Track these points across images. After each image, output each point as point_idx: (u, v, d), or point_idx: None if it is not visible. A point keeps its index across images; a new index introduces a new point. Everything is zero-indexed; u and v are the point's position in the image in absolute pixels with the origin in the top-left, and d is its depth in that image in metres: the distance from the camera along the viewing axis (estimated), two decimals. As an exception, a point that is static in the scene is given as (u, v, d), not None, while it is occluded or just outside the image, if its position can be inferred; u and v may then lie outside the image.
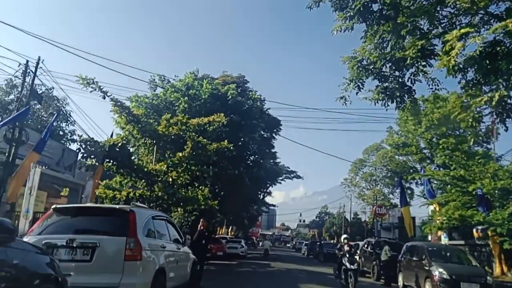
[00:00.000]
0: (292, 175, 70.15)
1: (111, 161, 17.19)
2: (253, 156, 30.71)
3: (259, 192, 49.39)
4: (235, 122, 27.85)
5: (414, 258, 13.74)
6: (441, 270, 11.86)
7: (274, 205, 76.93)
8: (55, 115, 21.59)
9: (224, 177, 27.20)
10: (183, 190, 19.77)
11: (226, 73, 34.48)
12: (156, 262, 7.08)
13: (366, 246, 20.08)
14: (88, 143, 16.58)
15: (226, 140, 19.50)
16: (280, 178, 70.58)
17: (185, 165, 18.26)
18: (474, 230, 18.29)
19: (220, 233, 50.19)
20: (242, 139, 27.82)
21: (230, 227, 58.50)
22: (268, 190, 70.91)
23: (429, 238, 24.88)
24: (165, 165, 18.10)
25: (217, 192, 27.74)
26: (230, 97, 28.71)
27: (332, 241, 48.60)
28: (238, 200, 32.83)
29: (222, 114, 20.59)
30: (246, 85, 32.25)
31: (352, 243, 39.12)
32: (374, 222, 36.46)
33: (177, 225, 26.87)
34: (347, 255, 12.05)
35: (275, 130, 37.64)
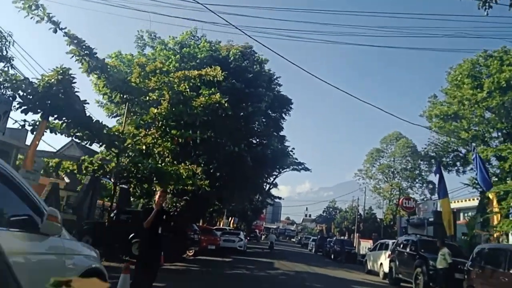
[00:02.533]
0: (300, 167, 65.73)
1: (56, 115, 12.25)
2: (257, 129, 25.70)
3: (264, 180, 44.46)
4: (237, 90, 22.90)
5: (500, 270, 8.71)
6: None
7: (280, 198, 72.27)
8: None
9: (221, 154, 22.27)
10: (162, 164, 14.89)
11: (231, 42, 29.11)
12: None
13: (402, 245, 15.08)
14: (23, 86, 11.69)
15: (220, 97, 14.21)
16: (287, 168, 66.35)
17: (161, 125, 13.32)
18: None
19: (220, 224, 45.21)
20: (245, 111, 22.79)
21: (231, 219, 53.55)
22: (273, 181, 66.66)
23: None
24: (134, 126, 13.21)
25: (212, 173, 22.83)
26: (232, 58, 23.69)
27: (342, 237, 43.67)
28: (239, 185, 27.91)
29: (219, 68, 15.51)
30: (254, 60, 27.02)
31: (370, 241, 34.04)
32: (398, 217, 31.40)
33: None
34: None
35: (284, 110, 32.64)
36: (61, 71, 10.26)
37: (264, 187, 59.67)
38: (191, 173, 19.01)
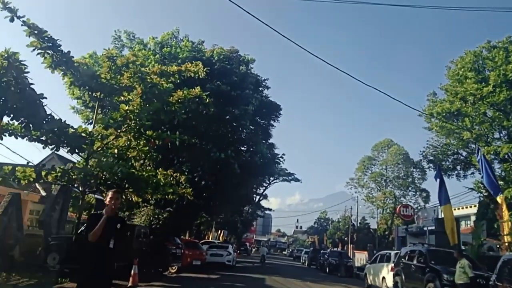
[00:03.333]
0: (290, 177, 64.26)
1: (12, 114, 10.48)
2: (244, 135, 24.07)
3: (254, 190, 42.72)
4: (222, 92, 21.39)
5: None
6: None
7: (270, 209, 70.44)
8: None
9: (206, 161, 20.60)
10: (137, 170, 13.16)
11: (216, 46, 27.69)
12: None
13: (407, 257, 13.48)
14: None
15: (201, 92, 12.55)
16: (277, 179, 64.69)
17: (134, 125, 11.62)
18: None
19: (209, 238, 43.15)
20: (231, 114, 21.22)
21: (221, 232, 51.46)
22: (263, 193, 64.90)
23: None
24: (102, 125, 11.50)
25: (197, 182, 21.10)
26: (216, 58, 22.19)
27: (336, 249, 41.91)
28: (227, 195, 26.19)
29: (200, 63, 13.92)
30: (240, 61, 25.47)
31: (365, 253, 32.34)
32: (395, 227, 29.89)
33: (144, 224, 20.14)
34: None
35: (273, 116, 31.21)
36: (5, 55, 8.53)
37: (254, 198, 58.08)
38: (173, 181, 17.33)
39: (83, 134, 11.37)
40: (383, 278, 16.10)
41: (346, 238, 48.61)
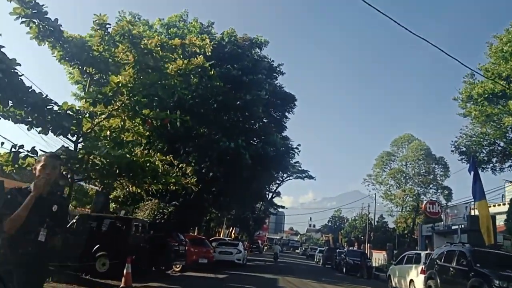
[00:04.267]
0: (303, 174, 62.37)
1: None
2: (257, 126, 22.34)
3: (266, 185, 41.00)
4: (233, 77, 19.76)
5: None
6: None
7: (283, 207, 68.75)
8: None
9: (215, 151, 18.99)
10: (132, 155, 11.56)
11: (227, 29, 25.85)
12: None
13: (444, 258, 11.60)
14: None
15: (203, 61, 10.84)
16: (290, 176, 62.91)
17: (127, 101, 10.03)
18: None
19: (220, 235, 41.62)
20: (242, 100, 19.54)
21: (232, 229, 49.90)
22: (276, 190, 63.18)
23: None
24: (89, 101, 9.94)
25: (204, 173, 19.52)
26: (227, 40, 20.54)
27: (353, 248, 39.86)
28: (237, 189, 24.57)
29: (207, 37, 12.26)
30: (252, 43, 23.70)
31: (383, 253, 30.32)
32: (419, 225, 27.84)
33: (148, 218, 18.69)
34: None
35: (287, 108, 29.47)
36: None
37: (267, 195, 56.40)
38: (178, 172, 15.79)
39: (70, 112, 9.84)
40: (411, 281, 14.26)
41: (362, 237, 46.56)
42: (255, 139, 22.38)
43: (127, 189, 23.02)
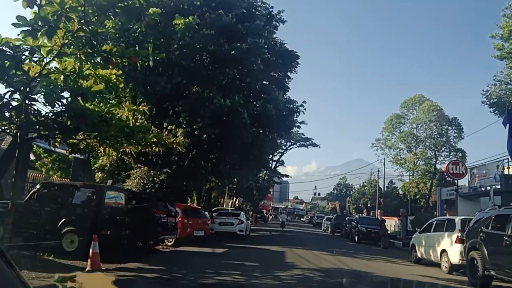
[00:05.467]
0: (307, 142, 60.11)
1: None
2: (256, 84, 19.68)
3: (269, 153, 38.68)
4: (227, 25, 16.99)
5: None
6: None
7: (287, 175, 67.10)
8: None
9: (208, 110, 16.51)
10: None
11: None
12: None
13: (491, 226, 9.29)
14: None
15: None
16: (294, 144, 60.72)
17: (79, 32, 7.44)
18: None
19: (223, 205, 39.68)
20: (237, 50, 16.79)
21: (236, 198, 48.02)
22: (280, 159, 61.12)
23: None
24: (24, 32, 7.35)
25: (197, 135, 17.16)
26: (217, -21, 17.61)
27: (364, 214, 37.98)
28: (238, 156, 22.28)
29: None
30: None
31: (395, 219, 28.23)
32: (437, 189, 25.55)
33: (138, 187, 16.48)
34: None
35: (290, 67, 26.63)
36: None
37: (270, 163, 54.32)
38: (165, 134, 13.46)
39: (6, 49, 7.32)
40: (443, 251, 12.08)
41: (372, 204, 44.69)
42: (254, 98, 19.79)
43: (109, 155, 20.78)
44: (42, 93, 7.13)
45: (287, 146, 60.07)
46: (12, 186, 12.58)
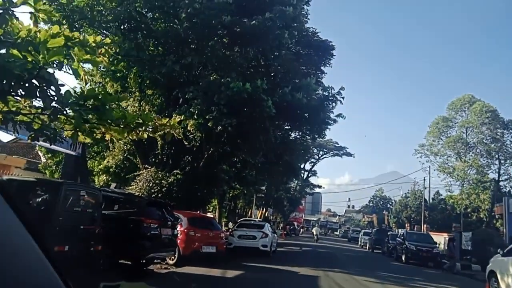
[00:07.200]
0: (341, 152, 56.25)
1: None
2: (284, 68, 16.38)
3: (300, 158, 35.03)
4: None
5: None
6: None
7: (320, 186, 63.21)
8: None
9: (224, 96, 13.47)
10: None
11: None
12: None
13: None
14: None
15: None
16: (326, 153, 56.98)
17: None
18: None
19: (251, 216, 36.31)
20: (257, 22, 13.69)
21: (264, 209, 44.50)
22: (312, 168, 57.45)
23: None
24: None
25: (210, 128, 14.14)
26: None
27: (407, 229, 33.50)
28: (264, 155, 19.08)
29: None
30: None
31: (444, 235, 24.03)
32: (504, 199, 21.23)
33: (143, 192, 13.75)
34: None
35: (323, 60, 23.30)
36: None
37: (302, 174, 50.84)
38: (164, 118, 10.42)
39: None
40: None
41: (416, 217, 39.96)
42: (281, 85, 16.51)
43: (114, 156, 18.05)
44: None
45: (319, 155, 56.59)
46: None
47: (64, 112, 6.46)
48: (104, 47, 6.72)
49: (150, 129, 8.19)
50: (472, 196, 36.21)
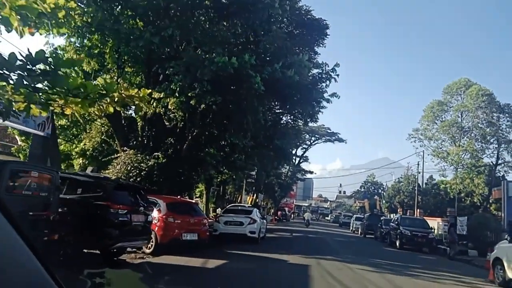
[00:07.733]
0: (333, 137, 55.38)
1: None
2: (274, 44, 15.19)
3: (291, 142, 34.02)
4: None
5: None
6: None
7: (311, 172, 62.58)
8: None
9: (207, 71, 12.29)
10: None
11: None
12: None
13: None
14: None
15: None
16: (318, 139, 56.10)
17: None
18: None
19: (241, 201, 35.36)
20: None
21: (254, 195, 43.59)
22: (303, 154, 56.60)
23: None
24: None
25: (193, 106, 13.03)
26: None
27: (399, 214, 32.90)
28: (253, 137, 17.96)
29: None
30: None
31: (437, 220, 23.30)
32: (503, 182, 20.48)
33: (122, 175, 12.65)
34: None
35: (317, 40, 22.14)
36: None
37: (293, 159, 50.01)
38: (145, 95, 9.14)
39: None
40: None
41: (409, 202, 39.46)
42: (270, 61, 15.32)
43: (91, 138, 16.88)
44: None
45: (311, 141, 55.71)
46: None
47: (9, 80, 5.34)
48: (66, 10, 5.59)
49: (115, 102, 7.10)
50: (466, 180, 35.70)
